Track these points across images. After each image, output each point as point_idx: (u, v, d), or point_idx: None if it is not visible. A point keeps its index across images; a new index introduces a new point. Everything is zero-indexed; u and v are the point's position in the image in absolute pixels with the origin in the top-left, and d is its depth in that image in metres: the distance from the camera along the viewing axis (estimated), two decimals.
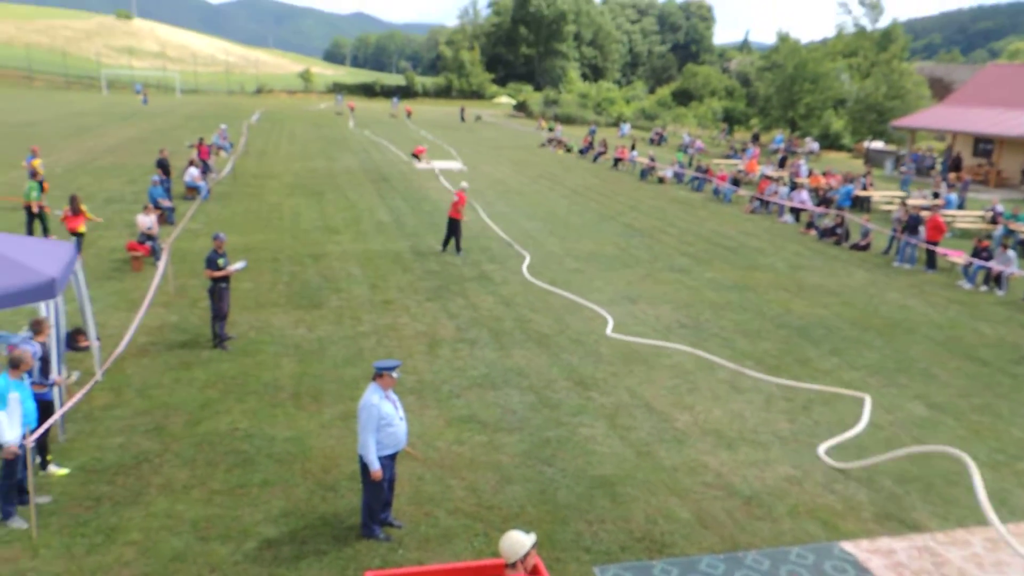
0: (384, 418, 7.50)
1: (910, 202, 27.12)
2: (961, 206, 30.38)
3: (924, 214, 22.16)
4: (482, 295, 16.40)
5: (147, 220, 17.85)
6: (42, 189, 19.97)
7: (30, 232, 18.79)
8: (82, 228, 18.15)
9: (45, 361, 8.81)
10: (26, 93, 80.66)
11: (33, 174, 20.41)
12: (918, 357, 13.91)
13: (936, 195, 30.13)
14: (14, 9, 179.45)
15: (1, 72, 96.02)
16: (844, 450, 10.17)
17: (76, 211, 18.01)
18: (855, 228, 24.84)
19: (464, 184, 21.05)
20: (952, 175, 38.71)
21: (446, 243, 19.98)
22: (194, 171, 26.27)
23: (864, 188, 31.08)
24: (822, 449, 10.08)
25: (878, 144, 51.06)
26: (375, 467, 7.49)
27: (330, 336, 13.49)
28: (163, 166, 25.65)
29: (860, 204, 29.85)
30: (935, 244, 20.91)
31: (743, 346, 14.00)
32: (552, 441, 10.01)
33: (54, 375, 8.94)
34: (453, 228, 19.76)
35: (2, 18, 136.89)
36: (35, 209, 18.96)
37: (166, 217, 21.65)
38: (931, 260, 20.87)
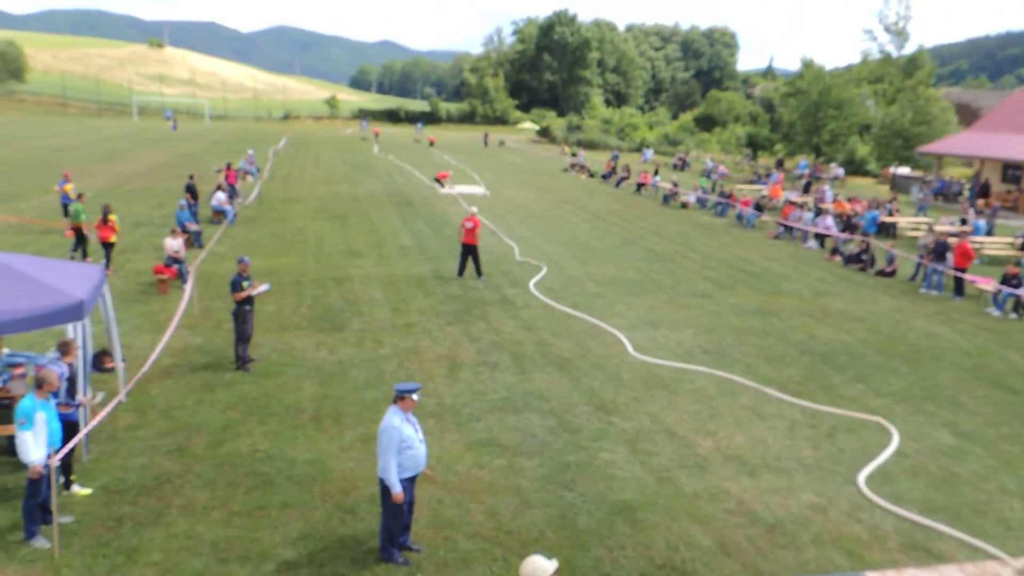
0: (404, 440, 7.50)
1: (937, 228, 26.84)
2: (990, 232, 30.02)
3: (952, 240, 21.89)
4: (503, 319, 16.41)
5: (175, 243, 18.12)
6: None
7: (80, 252, 20.00)
8: (112, 238, 19.27)
9: (72, 382, 8.93)
10: (60, 120, 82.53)
11: (78, 197, 21.49)
12: (945, 385, 13.68)
13: (964, 221, 29.80)
14: (52, 39, 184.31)
15: (38, 100, 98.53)
16: (869, 479, 9.99)
17: (105, 221, 19.20)
18: (880, 254, 24.60)
19: (474, 209, 21.01)
20: (980, 201, 38.27)
21: (462, 269, 19.97)
22: (221, 195, 26.66)
23: (890, 214, 30.82)
24: (861, 478, 9.90)
25: (904, 170, 50.67)
26: (396, 489, 7.47)
27: (351, 359, 13.55)
28: (191, 191, 26.08)
29: (886, 230, 29.59)
30: (963, 271, 20.64)
31: (766, 372, 13.86)
32: (572, 466, 9.94)
33: (80, 396, 9.05)
34: (469, 253, 19.77)
35: (40, 48, 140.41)
36: (85, 231, 20.06)
37: (193, 240, 21.96)
38: (959, 287, 20.59)
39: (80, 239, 19.95)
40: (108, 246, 19.14)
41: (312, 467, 9.61)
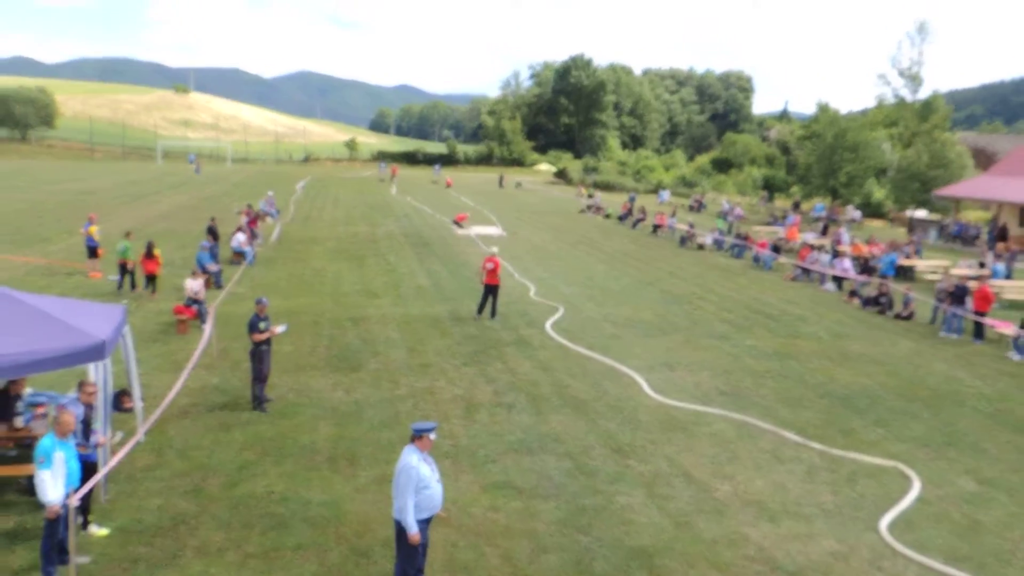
0: (421, 480, 7.46)
1: (955, 272, 26.64)
2: (1008, 276, 29.73)
3: (971, 284, 21.71)
4: (520, 359, 16.39)
5: (195, 284, 18.32)
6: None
7: (129, 283, 21.66)
8: (158, 271, 21.21)
9: (86, 424, 8.97)
10: (87, 164, 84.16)
11: (126, 235, 22.94)
12: (967, 430, 13.47)
13: (982, 265, 29.57)
14: (81, 86, 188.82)
15: (67, 145, 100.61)
16: (891, 525, 9.81)
17: (150, 255, 21.05)
18: (899, 297, 24.42)
19: (494, 249, 21.15)
20: (1000, 245, 38.00)
21: (482, 308, 20.05)
22: (241, 236, 26.98)
23: (908, 257, 30.65)
24: (884, 525, 9.72)
25: (921, 213, 50.50)
26: (413, 530, 7.42)
27: (367, 399, 13.56)
28: (212, 232, 26.43)
29: (904, 273, 29.41)
30: (983, 315, 20.44)
31: (785, 415, 13.71)
32: (589, 509, 9.84)
33: (98, 436, 9.10)
34: (490, 293, 19.88)
35: (70, 95, 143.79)
36: (130, 267, 21.59)
37: (213, 281, 22.19)
38: (979, 331, 20.36)
39: (124, 273, 21.56)
40: (152, 278, 21.15)
41: (327, 509, 9.57)
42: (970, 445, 12.74)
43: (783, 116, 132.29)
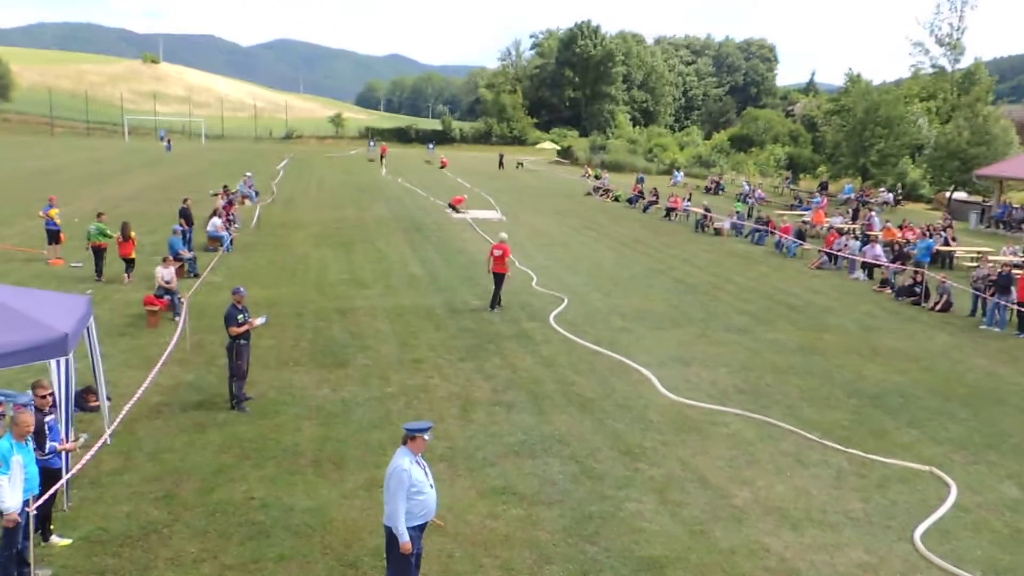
0: (414, 484, 7.49)
1: (997, 259, 26.62)
2: None
3: (1016, 272, 21.70)
4: (521, 354, 16.42)
5: (166, 272, 18.33)
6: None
7: (102, 273, 21.95)
8: (133, 254, 21.59)
9: (39, 433, 8.64)
10: (46, 140, 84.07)
11: (98, 216, 23.27)
12: (1010, 431, 13.50)
13: None
14: (40, 54, 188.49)
15: (23, 119, 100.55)
16: (926, 535, 9.85)
17: (127, 238, 21.36)
18: (934, 286, 24.40)
19: (503, 235, 21.22)
20: None
21: (494, 301, 20.09)
22: (217, 221, 27.00)
23: (946, 243, 30.65)
24: (917, 534, 9.76)
25: (961, 194, 50.44)
26: (405, 538, 7.44)
27: (355, 397, 13.59)
28: (185, 215, 26.40)
29: (941, 260, 29.40)
30: None
31: (809, 415, 13.74)
32: (595, 517, 9.87)
33: (59, 442, 8.99)
34: (495, 282, 19.96)
35: (27, 64, 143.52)
36: (106, 248, 22.11)
37: (187, 269, 22.20)
38: None
39: (99, 257, 21.88)
40: (130, 261, 21.61)
41: (311, 516, 9.61)
42: (1012, 448, 12.77)
43: (809, 88, 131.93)
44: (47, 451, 8.83)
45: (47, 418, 8.90)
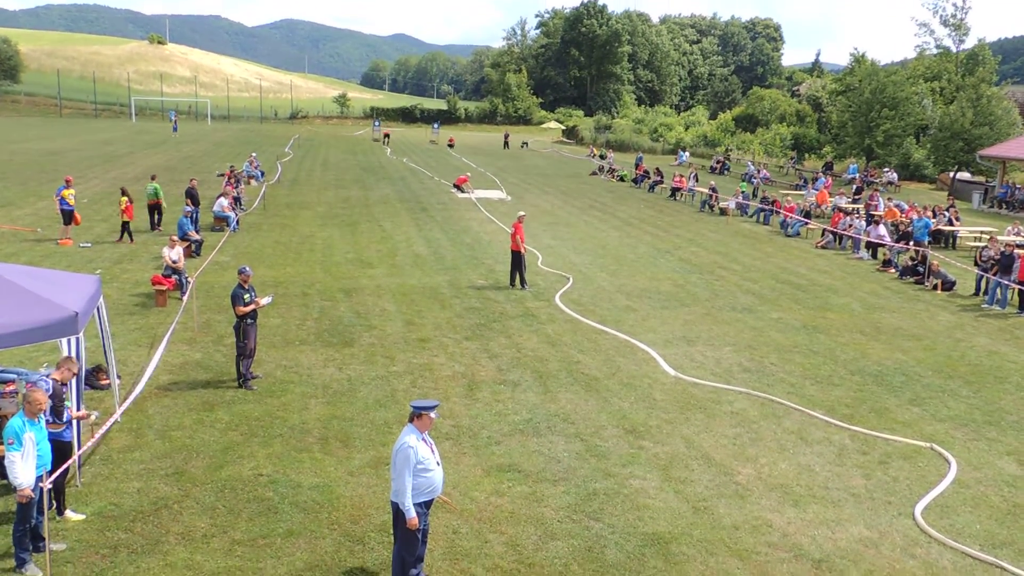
0: (421, 461, 7.52)
1: (1002, 239, 26.51)
2: None
3: (1018, 252, 21.62)
4: (526, 334, 16.45)
5: (173, 253, 18.35)
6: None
7: (152, 225, 25.99)
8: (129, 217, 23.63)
9: (57, 399, 8.93)
10: (55, 121, 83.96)
11: (152, 177, 26.64)
12: (1010, 409, 13.50)
13: None
14: (47, 36, 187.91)
15: (32, 100, 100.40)
16: (926, 511, 9.88)
17: (131, 200, 23.60)
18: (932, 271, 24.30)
19: (521, 212, 21.45)
20: None
21: (513, 278, 20.36)
22: (223, 201, 26.99)
23: (950, 223, 30.52)
24: (918, 510, 9.80)
25: (964, 175, 50.12)
26: (411, 514, 7.48)
27: (361, 376, 13.64)
28: (192, 196, 26.40)
29: (944, 240, 29.29)
30: None
31: (812, 393, 13.76)
32: (600, 494, 9.92)
33: (72, 411, 9.13)
34: (517, 261, 20.16)
35: (35, 45, 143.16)
36: (164, 205, 25.98)
37: (194, 249, 22.22)
38: None
39: (151, 213, 25.52)
40: (126, 224, 23.63)
41: (319, 493, 9.67)
42: (1012, 425, 12.78)
43: (815, 68, 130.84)
44: (65, 419, 8.89)
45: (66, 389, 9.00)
